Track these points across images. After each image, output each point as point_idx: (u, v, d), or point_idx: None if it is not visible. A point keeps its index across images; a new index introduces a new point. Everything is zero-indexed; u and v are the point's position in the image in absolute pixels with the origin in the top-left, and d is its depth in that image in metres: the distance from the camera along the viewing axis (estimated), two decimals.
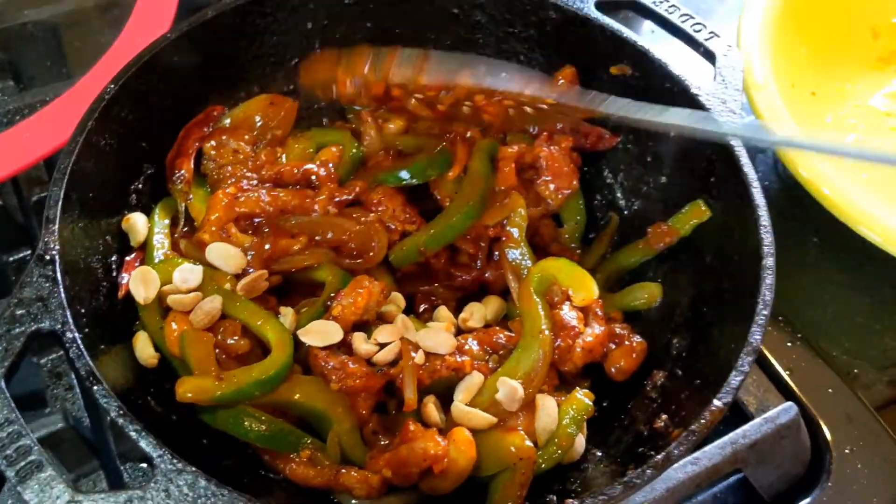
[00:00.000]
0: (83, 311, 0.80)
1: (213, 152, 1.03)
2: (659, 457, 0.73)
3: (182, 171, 1.01)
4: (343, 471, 0.84)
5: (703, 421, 0.75)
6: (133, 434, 0.70)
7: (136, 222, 0.95)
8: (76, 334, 0.75)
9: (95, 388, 0.72)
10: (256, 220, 0.97)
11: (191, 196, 1.00)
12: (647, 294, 1.01)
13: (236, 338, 0.88)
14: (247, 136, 1.06)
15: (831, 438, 1.01)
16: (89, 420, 1.00)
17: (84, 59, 1.30)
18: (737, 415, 1.00)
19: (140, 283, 0.90)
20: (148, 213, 0.98)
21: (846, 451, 1.01)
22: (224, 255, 0.93)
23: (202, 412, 0.84)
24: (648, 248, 1.02)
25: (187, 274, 0.90)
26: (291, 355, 0.86)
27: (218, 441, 0.85)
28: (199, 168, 1.04)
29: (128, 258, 0.93)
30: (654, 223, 1.02)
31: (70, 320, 0.75)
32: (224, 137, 1.04)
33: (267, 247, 0.94)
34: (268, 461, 0.86)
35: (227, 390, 0.82)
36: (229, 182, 0.99)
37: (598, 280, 0.96)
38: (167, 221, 0.98)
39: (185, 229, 0.99)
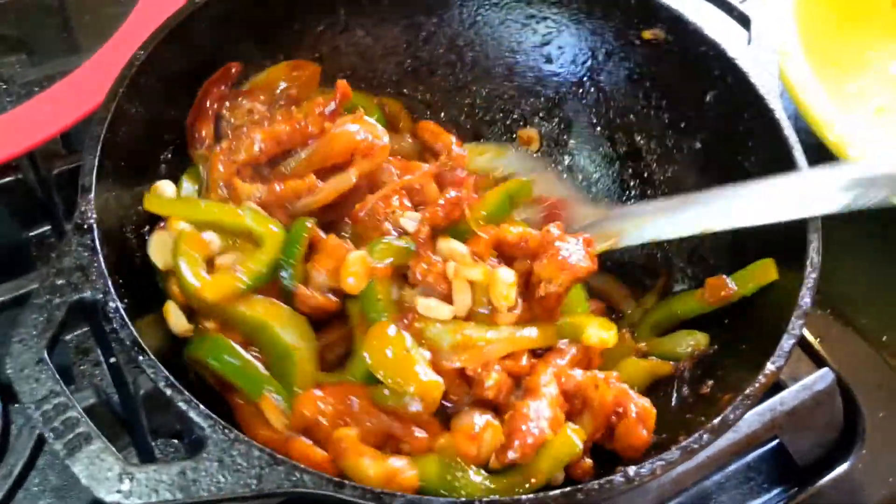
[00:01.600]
0: (121, 280, 0.78)
1: (226, 112, 1.01)
2: (716, 421, 0.72)
3: (202, 133, 1.00)
4: (293, 438, 0.81)
5: (757, 385, 0.75)
6: (182, 405, 0.68)
7: (165, 190, 0.93)
8: (118, 303, 0.73)
9: (141, 357, 0.70)
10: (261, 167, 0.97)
11: None
12: (693, 342, 0.95)
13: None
14: (262, 97, 1.04)
15: (864, 406, 1.01)
16: (118, 396, 0.98)
17: (93, 31, 1.29)
18: None
19: (158, 250, 0.89)
20: (176, 181, 0.96)
21: (879, 416, 1.01)
22: None
23: (189, 347, 0.85)
24: (704, 301, 0.95)
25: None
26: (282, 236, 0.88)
27: None
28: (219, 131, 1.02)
29: (160, 225, 0.91)
30: (687, 189, 1.00)
31: (112, 289, 0.73)
32: (239, 99, 1.02)
33: (278, 188, 0.93)
34: (239, 421, 0.85)
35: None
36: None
37: (647, 323, 0.98)
38: (195, 188, 0.97)
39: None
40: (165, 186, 0.94)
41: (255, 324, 0.86)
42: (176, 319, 0.87)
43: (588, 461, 0.82)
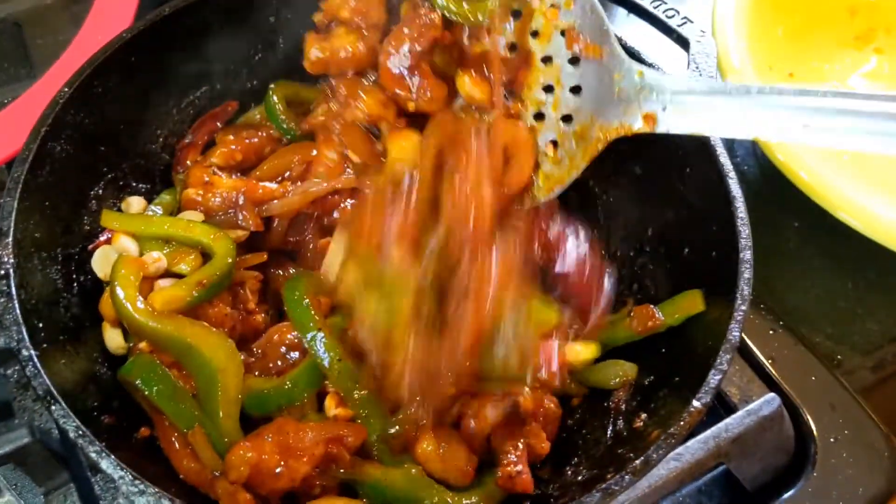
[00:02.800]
0: (41, 325, 0.77)
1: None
2: (637, 462, 0.71)
3: (188, 161, 1.04)
4: (217, 475, 0.81)
5: (682, 423, 0.74)
6: (93, 455, 0.68)
7: (132, 205, 0.97)
8: (32, 352, 0.72)
9: (53, 407, 0.70)
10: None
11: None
12: (620, 373, 0.93)
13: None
14: (251, 133, 1.07)
15: (816, 428, 1.00)
16: (58, 433, 0.97)
17: (47, 57, 1.28)
18: (720, 406, 0.99)
19: (100, 263, 0.91)
20: None
21: (831, 440, 1.00)
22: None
23: (122, 369, 0.85)
24: (632, 330, 0.93)
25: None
26: (233, 246, 0.91)
27: None
28: None
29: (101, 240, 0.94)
30: (627, 217, 0.99)
31: (26, 337, 0.73)
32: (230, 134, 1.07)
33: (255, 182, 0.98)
34: (164, 446, 0.84)
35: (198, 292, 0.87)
36: None
37: None
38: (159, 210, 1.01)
39: None
40: (134, 202, 0.99)
41: (182, 345, 0.86)
42: (111, 338, 0.89)
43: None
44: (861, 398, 1.04)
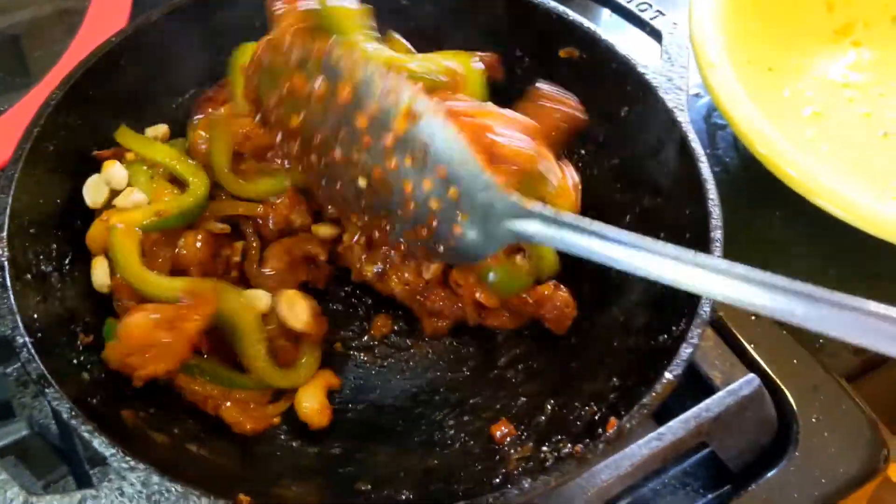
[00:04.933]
0: (35, 315, 0.80)
1: None
2: (612, 431, 0.74)
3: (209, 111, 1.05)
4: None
5: (653, 394, 0.76)
6: (86, 434, 0.70)
7: (116, 173, 0.97)
8: (26, 339, 0.75)
9: (47, 390, 0.73)
10: None
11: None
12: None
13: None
14: None
15: (797, 408, 1.02)
16: (56, 426, 1.00)
17: (45, 66, 1.31)
18: (704, 390, 1.01)
19: (91, 190, 0.96)
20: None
21: (813, 420, 1.01)
22: None
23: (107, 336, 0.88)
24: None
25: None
26: (208, 188, 0.96)
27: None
28: None
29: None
30: (604, 205, 1.02)
31: (20, 325, 0.76)
32: None
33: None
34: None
35: (152, 220, 0.92)
36: None
37: None
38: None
39: None
40: (161, 128, 1.05)
41: None
42: (98, 274, 0.93)
43: None
44: (843, 380, 1.06)
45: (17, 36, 1.44)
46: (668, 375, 0.77)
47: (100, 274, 0.92)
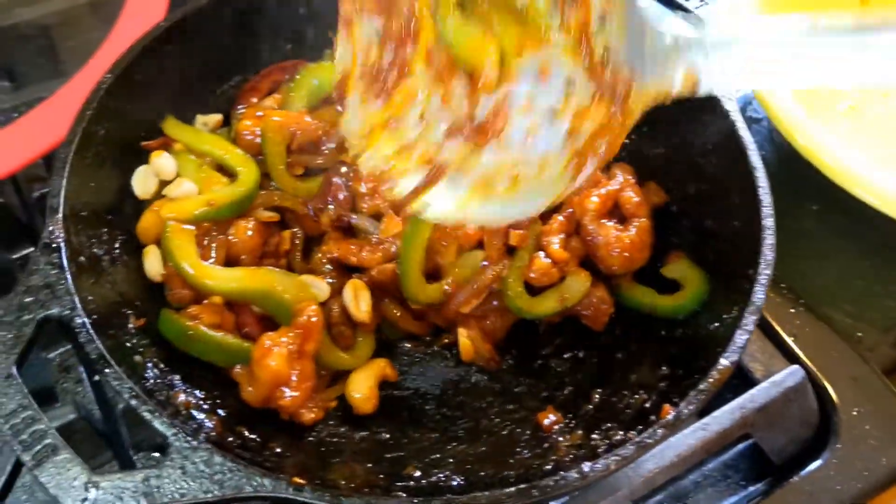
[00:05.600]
0: (90, 297, 0.80)
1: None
2: (670, 416, 0.74)
3: (254, 99, 1.07)
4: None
5: (711, 380, 0.76)
6: (146, 415, 0.71)
7: (164, 164, 0.98)
8: (85, 319, 0.75)
9: (107, 370, 0.73)
10: None
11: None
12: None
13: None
14: None
15: (838, 401, 1.02)
16: (100, 411, 1.00)
17: (77, 56, 1.30)
18: (745, 382, 1.00)
19: (139, 181, 0.97)
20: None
21: (853, 412, 1.01)
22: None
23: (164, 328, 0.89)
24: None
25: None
26: (258, 178, 0.96)
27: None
28: None
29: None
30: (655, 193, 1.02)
31: (79, 305, 0.76)
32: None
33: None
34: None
35: (204, 210, 0.92)
36: None
37: None
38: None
39: None
40: (211, 118, 1.06)
41: (255, 295, 0.91)
42: (151, 263, 0.94)
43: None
44: (882, 372, 1.06)
45: (48, 26, 1.44)
46: (724, 362, 0.77)
47: (153, 263, 0.93)
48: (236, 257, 0.95)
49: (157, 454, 0.97)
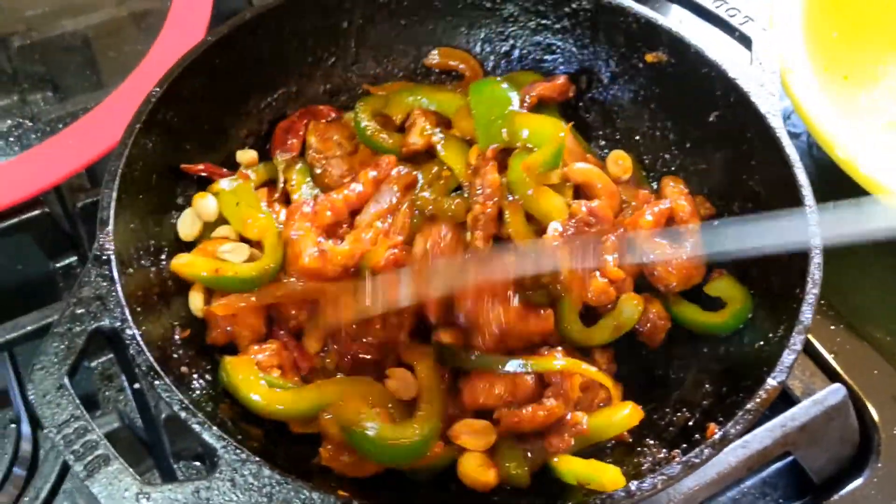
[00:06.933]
0: (139, 309, 0.81)
1: (314, 140, 1.08)
2: (717, 435, 0.73)
3: (288, 143, 1.08)
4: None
5: (758, 400, 0.75)
6: (196, 427, 0.71)
7: (206, 206, 0.99)
8: (136, 331, 0.76)
9: (157, 382, 0.73)
10: None
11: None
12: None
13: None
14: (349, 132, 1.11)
15: (879, 420, 1.01)
16: (142, 420, 1.01)
17: (117, 68, 1.33)
18: (784, 399, 1.00)
19: (184, 224, 0.98)
20: None
21: (895, 431, 1.00)
22: None
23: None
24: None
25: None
26: (279, 261, 0.94)
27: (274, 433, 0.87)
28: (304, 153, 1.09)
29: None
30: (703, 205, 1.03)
31: (129, 317, 0.77)
32: (330, 132, 1.10)
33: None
34: None
35: (211, 277, 0.92)
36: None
37: None
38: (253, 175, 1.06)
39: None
40: (248, 154, 1.07)
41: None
42: (195, 302, 0.94)
43: None
44: None
45: (88, 38, 1.46)
46: (772, 382, 0.77)
47: (196, 302, 0.94)
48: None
49: (197, 463, 0.98)
